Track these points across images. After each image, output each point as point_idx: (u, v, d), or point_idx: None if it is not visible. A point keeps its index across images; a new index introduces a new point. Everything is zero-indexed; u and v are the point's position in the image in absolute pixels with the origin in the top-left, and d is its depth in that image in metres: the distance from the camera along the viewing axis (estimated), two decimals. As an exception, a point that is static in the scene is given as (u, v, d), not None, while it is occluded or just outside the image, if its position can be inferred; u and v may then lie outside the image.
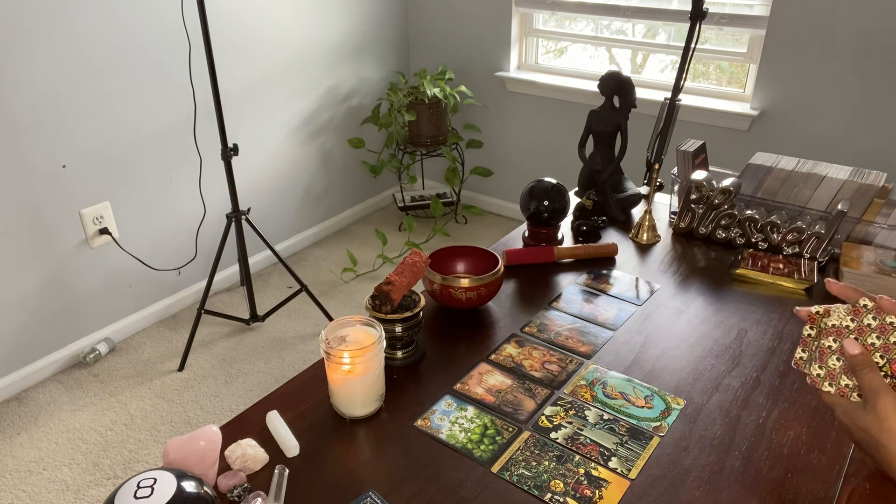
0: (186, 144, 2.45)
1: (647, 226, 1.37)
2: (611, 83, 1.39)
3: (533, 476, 0.81)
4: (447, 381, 0.97)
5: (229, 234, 2.28)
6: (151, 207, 2.42)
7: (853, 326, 0.71)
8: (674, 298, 1.17)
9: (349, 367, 0.85)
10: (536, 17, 2.99)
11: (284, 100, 2.80)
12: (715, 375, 0.98)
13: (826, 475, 0.81)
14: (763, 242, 1.30)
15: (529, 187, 1.29)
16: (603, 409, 0.92)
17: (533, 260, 1.28)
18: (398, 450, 0.85)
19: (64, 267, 2.22)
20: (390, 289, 0.95)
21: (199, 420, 2.08)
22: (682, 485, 0.79)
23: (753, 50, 2.47)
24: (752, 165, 1.37)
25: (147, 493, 0.62)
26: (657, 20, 2.65)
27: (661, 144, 1.36)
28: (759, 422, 0.89)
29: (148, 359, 2.36)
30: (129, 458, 1.94)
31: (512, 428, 0.88)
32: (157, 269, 2.50)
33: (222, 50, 2.48)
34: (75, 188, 2.18)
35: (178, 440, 0.76)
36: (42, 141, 2.06)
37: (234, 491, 0.78)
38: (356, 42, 3.04)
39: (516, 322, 1.11)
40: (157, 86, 2.31)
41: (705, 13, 1.25)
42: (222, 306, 2.65)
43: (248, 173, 2.74)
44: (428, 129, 3.06)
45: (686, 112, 2.58)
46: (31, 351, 2.21)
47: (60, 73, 2.05)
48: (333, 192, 3.20)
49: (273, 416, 0.89)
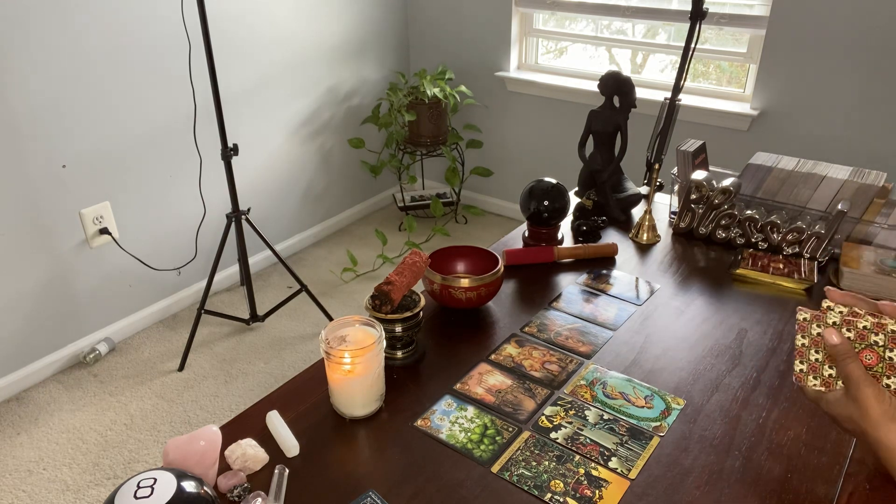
0: (186, 144, 2.45)
1: (647, 226, 1.37)
2: (611, 83, 1.39)
3: (533, 476, 0.81)
4: (447, 381, 0.97)
5: (229, 234, 2.28)
6: (151, 207, 2.42)
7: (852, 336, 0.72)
8: (674, 298, 1.17)
9: (349, 367, 0.85)
10: (536, 17, 2.99)
11: (284, 100, 2.80)
12: (715, 375, 0.98)
13: (826, 475, 0.81)
14: (763, 242, 1.30)
15: (529, 187, 1.29)
16: (603, 409, 0.91)
17: (533, 260, 1.28)
18: (398, 450, 0.85)
19: (64, 267, 2.22)
20: (390, 289, 0.95)
21: (199, 420, 2.08)
22: (682, 485, 0.79)
23: (753, 50, 2.47)
24: (752, 165, 1.37)
25: (147, 493, 0.62)
26: (657, 20, 2.65)
27: (661, 144, 1.36)
28: (759, 422, 0.89)
29: (148, 359, 2.36)
30: (129, 458, 1.94)
31: (512, 428, 0.88)
32: (157, 269, 2.50)
33: (222, 50, 2.48)
34: (75, 188, 2.18)
35: (178, 440, 0.76)
36: (42, 141, 2.06)
37: (234, 491, 0.78)
38: (356, 42, 3.04)
39: (516, 322, 1.11)
40: (157, 86, 2.31)
41: (705, 13, 1.25)
42: (222, 306, 2.65)
43: (248, 173, 2.74)
44: (428, 129, 3.06)
45: (686, 112, 2.58)
46: (31, 351, 2.21)
47: (60, 73, 2.05)
48: (333, 192, 3.20)
49: (273, 416, 0.89)
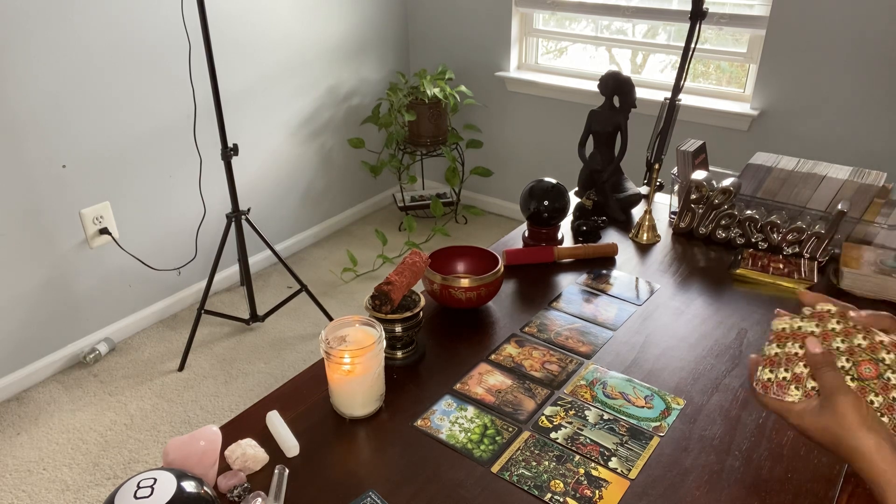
0: (186, 144, 2.45)
1: (647, 226, 1.37)
2: (611, 83, 1.39)
3: (533, 476, 0.81)
4: (447, 381, 0.97)
5: (229, 234, 2.28)
6: (151, 207, 2.42)
7: (818, 332, 0.72)
8: (674, 298, 1.17)
9: (349, 368, 0.85)
10: (536, 17, 2.99)
11: (284, 100, 2.80)
12: (715, 375, 0.98)
13: (826, 475, 0.81)
14: (763, 242, 1.30)
15: (529, 187, 1.29)
16: (603, 409, 0.91)
17: (533, 260, 1.28)
18: (398, 450, 0.85)
19: (64, 267, 2.22)
20: (390, 289, 0.95)
21: (199, 420, 2.08)
22: (682, 485, 0.79)
23: (753, 50, 2.47)
24: (752, 165, 1.37)
25: (147, 493, 0.62)
26: (657, 20, 2.65)
27: (661, 144, 1.36)
28: (759, 422, 0.89)
29: (148, 359, 2.36)
30: (129, 458, 1.94)
31: (512, 428, 0.88)
32: (157, 269, 2.50)
33: (222, 50, 2.48)
34: (75, 188, 2.18)
35: (178, 440, 0.76)
36: (42, 141, 2.06)
37: (234, 491, 0.78)
38: (356, 42, 3.04)
39: (516, 322, 1.11)
40: (157, 86, 2.31)
41: (705, 13, 1.25)
42: (222, 306, 2.65)
43: (248, 173, 2.74)
44: (428, 129, 3.06)
45: (686, 112, 2.58)
46: (31, 351, 2.21)
47: (60, 73, 2.05)
48: (333, 192, 3.20)
49: (273, 416, 0.89)
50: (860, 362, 0.69)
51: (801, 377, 0.71)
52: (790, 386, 0.72)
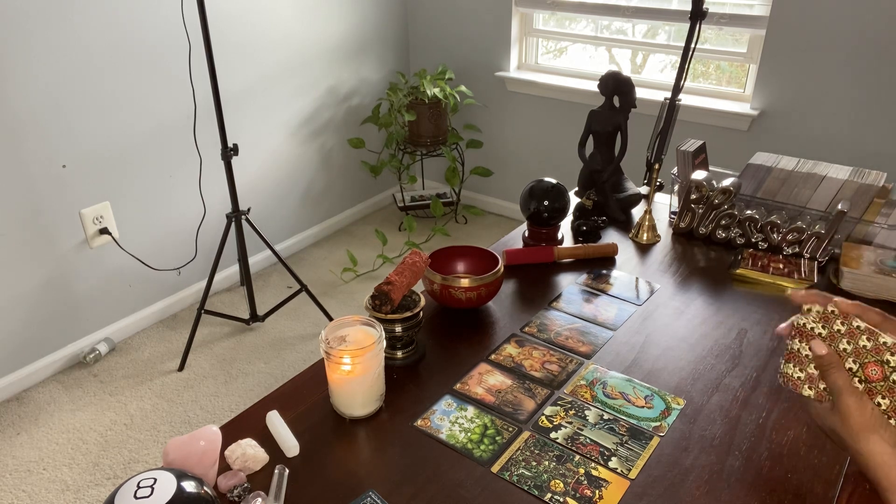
0: (186, 144, 2.45)
1: (647, 226, 1.37)
2: (611, 83, 1.39)
3: (533, 476, 0.81)
4: (447, 381, 0.97)
5: (229, 234, 2.28)
6: (151, 207, 2.42)
7: (825, 334, 0.72)
8: (674, 298, 1.17)
9: (349, 368, 0.85)
10: (536, 17, 2.99)
11: (284, 100, 2.80)
12: (715, 375, 0.98)
13: (826, 475, 0.81)
14: (763, 242, 1.30)
15: (529, 187, 1.29)
16: (603, 409, 0.91)
17: (533, 260, 1.28)
18: (398, 450, 0.85)
19: (64, 267, 2.22)
20: (390, 289, 0.95)
21: (199, 420, 2.08)
22: (682, 485, 0.79)
23: (753, 50, 2.47)
24: (752, 165, 1.37)
25: (147, 493, 0.62)
26: (657, 20, 2.65)
27: (661, 144, 1.36)
28: (759, 422, 0.89)
29: (148, 359, 2.36)
30: (129, 458, 1.94)
31: (512, 428, 0.88)
32: (157, 269, 2.50)
33: (222, 50, 2.48)
34: (75, 188, 2.18)
35: (178, 440, 0.76)
36: (42, 141, 2.06)
37: (234, 491, 0.78)
38: (356, 42, 3.04)
39: (516, 322, 1.11)
40: (157, 86, 2.31)
41: (705, 13, 1.25)
42: (222, 306, 2.65)
43: (248, 173, 2.74)
44: (428, 129, 3.06)
45: (686, 112, 2.58)
46: (31, 351, 2.21)
47: (60, 73, 2.05)
48: (333, 192, 3.20)
49: (273, 416, 0.89)
50: (867, 364, 0.69)
51: (813, 378, 0.72)
52: (804, 385, 0.73)
